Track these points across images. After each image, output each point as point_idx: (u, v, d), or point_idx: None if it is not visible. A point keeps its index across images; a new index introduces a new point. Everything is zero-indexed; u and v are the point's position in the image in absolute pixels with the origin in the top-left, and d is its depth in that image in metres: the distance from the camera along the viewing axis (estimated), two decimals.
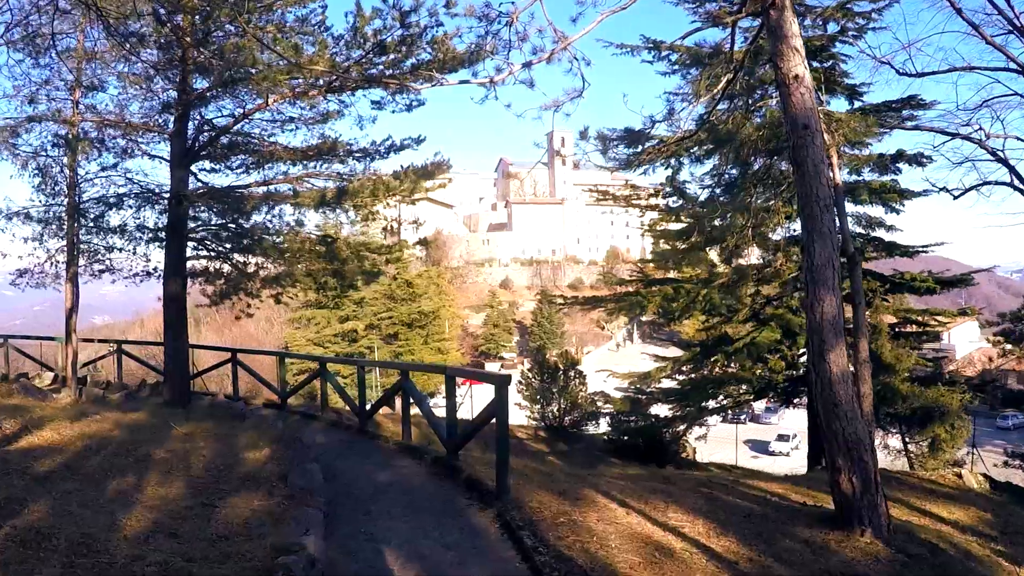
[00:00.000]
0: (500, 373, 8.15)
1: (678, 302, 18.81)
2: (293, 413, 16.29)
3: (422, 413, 10.87)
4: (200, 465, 8.38)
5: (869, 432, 9.50)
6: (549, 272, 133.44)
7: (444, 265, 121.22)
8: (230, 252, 16.65)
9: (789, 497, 11.30)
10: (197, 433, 10.72)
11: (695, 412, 21.01)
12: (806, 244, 8.43)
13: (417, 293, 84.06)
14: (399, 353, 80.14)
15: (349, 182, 14.91)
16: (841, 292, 8.76)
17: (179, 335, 15.88)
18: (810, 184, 8.38)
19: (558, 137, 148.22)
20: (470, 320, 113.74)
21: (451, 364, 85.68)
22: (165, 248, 15.86)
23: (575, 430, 24.49)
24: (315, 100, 14.83)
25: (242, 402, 17.82)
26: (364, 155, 16.55)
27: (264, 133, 16.82)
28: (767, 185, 14.93)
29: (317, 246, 15.99)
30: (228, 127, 15.83)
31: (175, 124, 15.70)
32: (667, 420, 21.31)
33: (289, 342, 74.65)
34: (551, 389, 24.55)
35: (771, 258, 20.40)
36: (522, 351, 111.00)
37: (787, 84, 8.57)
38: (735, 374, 19.71)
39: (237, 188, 16.22)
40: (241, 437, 10.72)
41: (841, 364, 8.50)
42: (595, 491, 9.11)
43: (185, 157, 15.57)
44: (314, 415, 15.51)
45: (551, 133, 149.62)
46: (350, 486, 8.98)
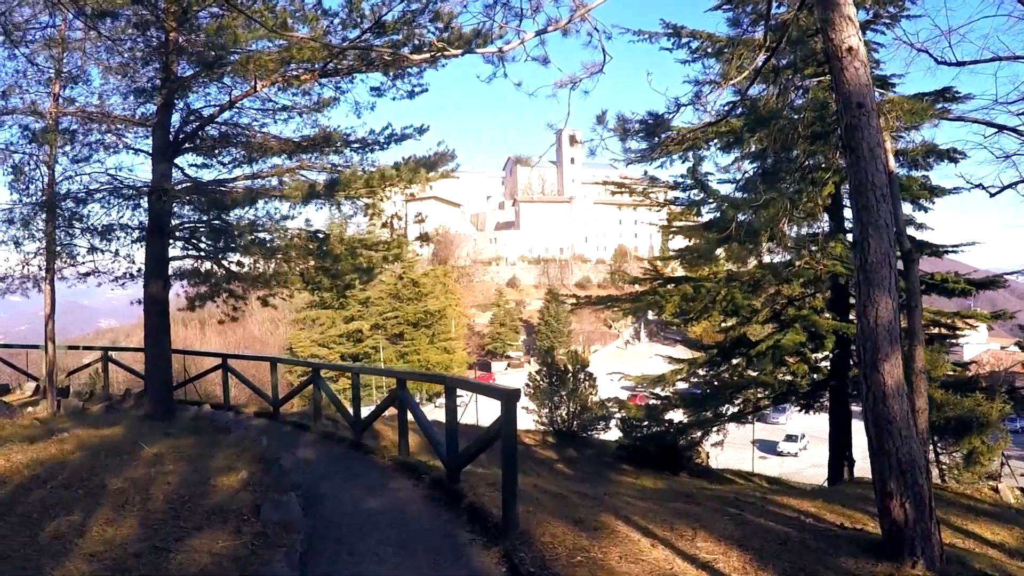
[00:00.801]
0: (507, 387, 6.97)
1: (697, 302, 17.66)
2: (285, 423, 15.24)
3: (420, 428, 9.77)
4: (161, 496, 7.29)
5: (924, 452, 8.43)
6: (556, 271, 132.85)
7: (451, 264, 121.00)
8: (213, 251, 15.47)
9: (824, 518, 10.23)
10: (169, 453, 9.65)
11: (713, 418, 19.89)
12: (859, 239, 7.32)
13: (423, 292, 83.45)
14: (404, 353, 79.51)
15: (341, 173, 13.71)
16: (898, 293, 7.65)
17: (160, 341, 14.74)
18: (865, 170, 7.27)
19: (566, 135, 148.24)
20: (477, 319, 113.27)
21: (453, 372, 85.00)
22: (146, 247, 14.73)
23: (585, 435, 23.45)
24: (308, 85, 13.65)
25: (232, 411, 16.81)
26: (362, 146, 15.43)
27: (255, 124, 15.75)
28: (804, 174, 13.74)
29: (308, 243, 14.87)
30: (214, 116, 14.66)
31: (158, 114, 14.61)
32: (683, 426, 20.18)
33: (293, 343, 74.08)
34: (560, 392, 23.51)
35: (793, 256, 19.32)
36: (529, 350, 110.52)
37: (839, 57, 7.46)
38: (756, 378, 18.57)
39: (223, 182, 15.10)
40: (218, 457, 9.65)
41: (896, 376, 7.39)
42: (615, 517, 8.02)
43: (168, 149, 14.45)
44: (307, 426, 14.44)
45: (560, 131, 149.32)
46: (335, 516, 7.88)
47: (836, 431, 19.96)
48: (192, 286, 15.59)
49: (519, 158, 22.85)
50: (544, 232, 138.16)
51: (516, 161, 22.79)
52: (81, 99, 15.25)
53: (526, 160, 21.76)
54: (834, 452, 19.96)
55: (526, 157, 22.08)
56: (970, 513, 11.43)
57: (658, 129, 12.28)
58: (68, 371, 22.60)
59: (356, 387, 12.43)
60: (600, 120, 11.22)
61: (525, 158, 21.81)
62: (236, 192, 13.99)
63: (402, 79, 15.05)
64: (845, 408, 19.89)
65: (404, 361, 78.45)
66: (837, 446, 19.91)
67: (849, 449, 19.99)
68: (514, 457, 6.89)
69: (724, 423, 20.54)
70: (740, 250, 15.53)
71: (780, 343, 17.11)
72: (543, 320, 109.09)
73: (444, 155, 14.61)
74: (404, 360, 78.50)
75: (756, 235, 14.06)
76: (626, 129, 11.25)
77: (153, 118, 14.73)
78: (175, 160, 15.03)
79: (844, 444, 19.91)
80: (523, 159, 22.33)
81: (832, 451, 20.02)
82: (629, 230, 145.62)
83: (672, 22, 18.39)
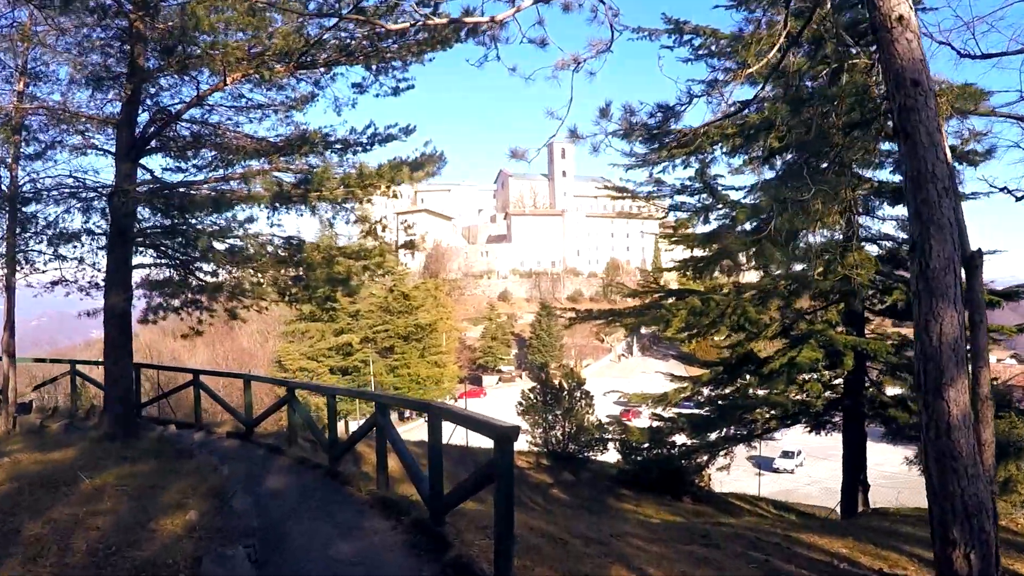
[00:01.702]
0: (503, 424, 5.70)
1: (705, 316, 16.47)
2: (259, 445, 13.96)
3: (401, 462, 8.51)
4: (84, 547, 6.05)
5: (992, 493, 7.27)
6: (548, 284, 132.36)
7: (442, 277, 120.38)
8: (175, 258, 14.14)
9: (859, 562, 9.08)
10: (113, 486, 8.41)
11: (721, 440, 18.64)
12: (918, 241, 6.18)
13: (414, 305, 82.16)
14: (395, 367, 78.07)
15: (315, 172, 12.34)
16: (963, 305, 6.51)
17: (122, 356, 13.37)
18: (924, 159, 6.15)
19: (558, 148, 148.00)
20: (468, 333, 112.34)
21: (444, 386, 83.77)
22: (107, 254, 13.44)
23: (581, 456, 22.20)
24: (282, 77, 12.39)
25: (204, 431, 15.54)
26: (344, 147, 14.16)
27: (228, 123, 14.52)
28: (841, 169, 12.46)
29: (280, 250, 13.62)
30: (181, 112, 13.38)
31: (122, 110, 13.38)
32: (689, 449, 18.91)
33: (282, 356, 72.60)
34: (555, 411, 22.27)
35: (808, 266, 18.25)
36: (520, 364, 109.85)
37: (888, 28, 6.35)
38: (766, 397, 17.37)
39: (190, 184, 13.80)
40: (169, 490, 8.40)
41: (963, 404, 6.25)
42: (626, 570, 6.83)
43: (133, 148, 13.18)
44: (281, 449, 13.17)
45: (551, 143, 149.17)
46: (297, 566, 6.65)
47: (850, 453, 18.80)
48: (148, 296, 14.24)
49: (515, 151, 22.06)
50: (536, 245, 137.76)
51: (515, 154, 21.91)
52: (46, 96, 14.08)
53: (521, 153, 20.96)
54: (848, 476, 18.81)
55: (521, 150, 21.15)
56: (1011, 549, 10.35)
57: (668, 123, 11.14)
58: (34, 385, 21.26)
59: (332, 410, 11.17)
60: (604, 113, 10.07)
61: (520, 151, 20.97)
62: (199, 194, 12.70)
63: (385, 74, 13.88)
64: (860, 429, 18.74)
65: (394, 375, 77.13)
66: (852, 469, 18.75)
67: (864, 472, 18.86)
68: (510, 511, 5.65)
69: (732, 446, 19.34)
70: (777, 252, 14.11)
71: (796, 360, 15.92)
72: (535, 334, 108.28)
73: (432, 157, 13.37)
74: (394, 374, 77.20)
75: (795, 235, 12.79)
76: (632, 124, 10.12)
77: (117, 116, 13.51)
78: (141, 161, 13.75)
79: (858, 467, 18.76)
80: (518, 151, 21.52)
81: (846, 474, 18.86)
82: (621, 243, 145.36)
83: (674, 17, 17.37)
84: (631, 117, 10.24)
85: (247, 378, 14.80)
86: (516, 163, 8.77)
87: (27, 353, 53.10)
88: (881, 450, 25.52)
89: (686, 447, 18.88)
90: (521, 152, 8.76)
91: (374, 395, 9.63)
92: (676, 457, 18.86)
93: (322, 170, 11.55)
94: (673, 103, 10.62)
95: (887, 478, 34.38)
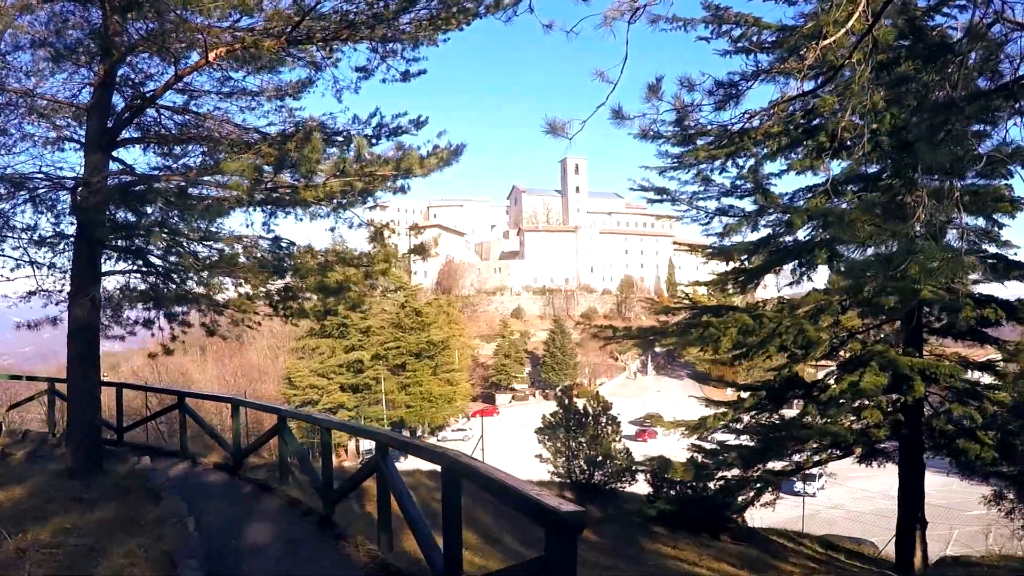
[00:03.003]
0: (560, 507, 3.75)
1: (756, 335, 14.55)
2: (246, 480, 12.09)
3: (405, 517, 6.63)
4: None
5: None
6: (562, 301, 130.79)
7: (454, 293, 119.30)
8: (148, 263, 12.26)
9: None
10: (45, 544, 6.60)
11: (771, 474, 16.62)
12: None
13: (426, 322, 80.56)
14: (406, 384, 76.35)
15: (300, 154, 10.32)
16: None
17: (87, 375, 11.51)
18: None
19: (572, 164, 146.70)
20: (481, 350, 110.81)
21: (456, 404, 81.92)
22: (73, 259, 11.62)
23: (607, 488, 20.23)
24: (272, 52, 10.46)
25: (188, 461, 13.73)
26: (346, 141, 12.38)
27: (216, 112, 12.75)
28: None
29: (266, 254, 11.78)
30: (158, 94, 11.56)
31: (94, 94, 11.63)
32: (735, 485, 16.88)
33: (292, 373, 70.95)
34: (579, 438, 20.32)
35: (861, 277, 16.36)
36: (534, 382, 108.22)
37: None
38: (823, 427, 15.40)
39: (157, 175, 11.92)
40: (114, 552, 6.58)
41: None
42: None
43: (104, 137, 11.40)
44: (271, 487, 11.31)
45: (564, 160, 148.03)
46: None
47: (908, 487, 16.82)
48: (112, 306, 12.33)
49: (553, 123, 20.38)
50: (549, 262, 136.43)
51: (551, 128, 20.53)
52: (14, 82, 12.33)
53: (561, 127, 19.44)
54: (905, 511, 16.85)
55: (561, 122, 19.57)
56: None
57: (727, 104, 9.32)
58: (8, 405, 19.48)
59: (327, 447, 9.29)
60: (654, 90, 8.25)
61: (560, 123, 19.40)
62: (161, 185, 10.78)
63: (394, 56, 12.06)
64: (918, 461, 16.75)
65: (406, 393, 75.61)
66: (908, 504, 16.79)
67: (921, 509, 16.89)
68: None
69: (781, 479, 17.35)
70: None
71: (860, 386, 13.96)
72: (548, 352, 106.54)
73: (449, 151, 11.50)
74: (406, 392, 75.67)
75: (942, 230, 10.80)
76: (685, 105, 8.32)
77: (88, 102, 11.77)
78: (116, 153, 12.00)
79: (916, 503, 16.78)
80: (557, 124, 20.00)
81: (902, 510, 16.92)
82: (636, 260, 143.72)
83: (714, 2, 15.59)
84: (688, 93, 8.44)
85: (235, 402, 12.92)
86: (559, 121, 6.91)
87: (36, 367, 51.13)
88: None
89: (732, 482, 16.90)
90: (561, 125, 6.93)
91: (375, 433, 7.72)
92: (721, 493, 16.85)
93: (310, 149, 9.54)
94: (737, 79, 8.78)
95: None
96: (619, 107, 7.91)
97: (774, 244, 16.24)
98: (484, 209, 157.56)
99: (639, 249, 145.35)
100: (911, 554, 16.80)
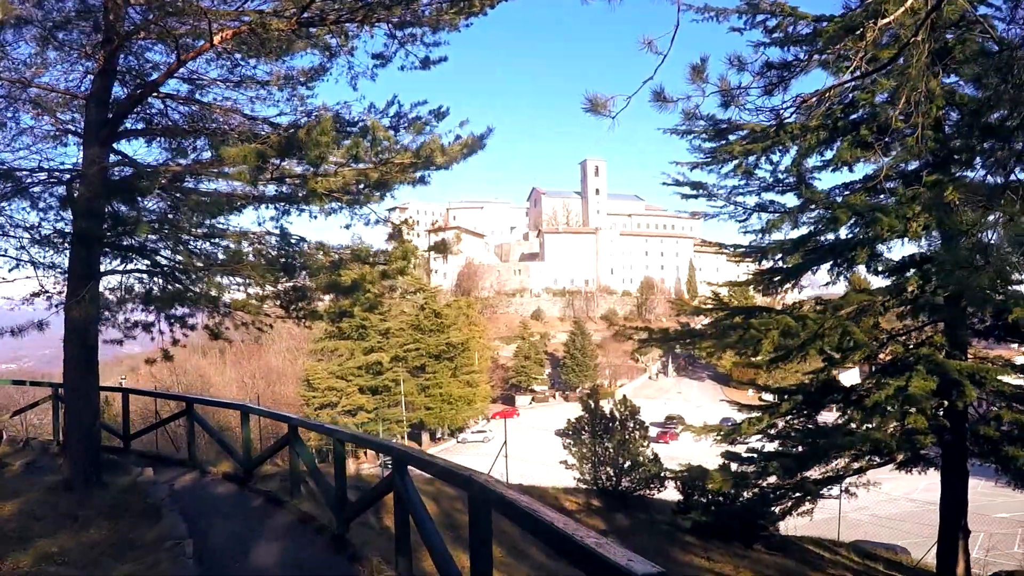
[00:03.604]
0: (635, 567, 2.82)
1: (797, 337, 13.67)
2: (257, 492, 11.39)
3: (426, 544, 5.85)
4: None
5: None
6: (582, 303, 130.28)
7: (474, 295, 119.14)
8: (154, 261, 11.51)
9: None
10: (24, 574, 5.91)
11: (813, 483, 15.72)
12: None
13: (446, 324, 79.99)
14: (426, 386, 75.75)
15: (306, 137, 9.39)
16: None
17: (85, 382, 10.78)
18: None
19: (592, 166, 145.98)
20: (501, 352, 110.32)
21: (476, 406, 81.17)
22: (69, 257, 10.95)
23: (635, 494, 19.37)
24: (281, 34, 9.73)
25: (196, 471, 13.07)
26: (362, 132, 11.60)
27: (225, 103, 12.03)
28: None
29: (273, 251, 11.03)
30: (160, 81, 10.86)
31: (94, 82, 10.98)
32: (776, 494, 15.98)
33: (310, 375, 70.56)
34: (605, 443, 19.48)
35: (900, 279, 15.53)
36: (554, 383, 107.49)
37: None
38: (866, 434, 14.47)
39: (154, 167, 11.16)
40: None
41: None
42: None
43: (103, 128, 10.74)
44: (282, 500, 10.60)
45: (584, 162, 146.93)
46: None
47: (949, 495, 15.90)
48: (111, 308, 11.61)
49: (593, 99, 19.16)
50: (569, 263, 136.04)
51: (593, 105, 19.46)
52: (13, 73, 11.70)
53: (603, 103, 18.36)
54: (947, 521, 15.94)
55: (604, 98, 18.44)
56: None
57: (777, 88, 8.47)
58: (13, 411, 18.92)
59: (340, 459, 8.55)
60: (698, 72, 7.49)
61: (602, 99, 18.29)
62: (158, 179, 10.02)
63: (413, 42, 11.29)
64: (962, 467, 15.84)
65: (426, 395, 75.07)
66: (950, 513, 15.89)
67: (964, 517, 16.02)
68: None
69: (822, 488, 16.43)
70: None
71: (908, 391, 13.04)
72: (568, 353, 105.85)
73: (473, 138, 10.68)
74: (425, 394, 75.13)
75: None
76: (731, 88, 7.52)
77: (88, 91, 11.12)
78: (115, 145, 11.31)
79: (959, 511, 15.89)
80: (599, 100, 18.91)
81: (944, 519, 16.01)
82: (656, 262, 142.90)
83: None
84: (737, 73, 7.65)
85: (244, 409, 12.23)
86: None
87: (56, 370, 50.25)
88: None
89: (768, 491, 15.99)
90: (603, 102, 6.16)
91: (393, 448, 6.88)
92: (760, 503, 15.95)
93: (319, 132, 8.69)
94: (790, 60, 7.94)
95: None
96: (661, 88, 7.13)
97: (812, 242, 15.36)
98: (504, 211, 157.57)
99: (659, 251, 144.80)
100: (953, 564, 15.93)
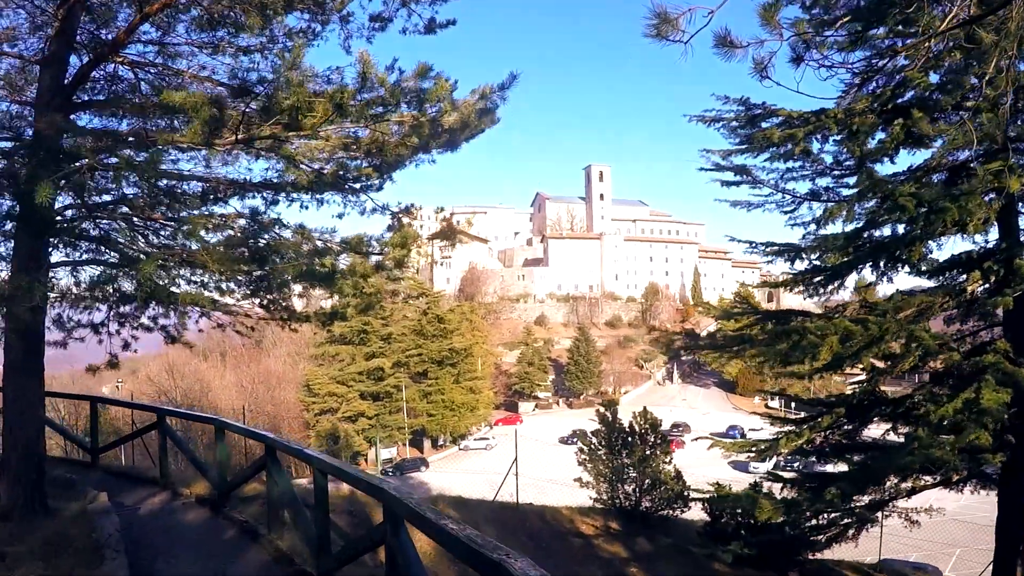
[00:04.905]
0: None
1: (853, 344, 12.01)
2: (231, 521, 9.75)
3: None
4: None
5: None
6: (586, 309, 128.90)
7: (477, 300, 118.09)
8: (99, 249, 9.83)
9: None
10: None
11: (865, 508, 14.04)
12: None
13: (448, 329, 78.50)
14: (428, 392, 74.16)
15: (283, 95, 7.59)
16: None
17: (27, 388, 9.01)
18: None
19: (596, 171, 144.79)
20: (504, 358, 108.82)
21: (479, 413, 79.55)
22: (13, 247, 9.27)
23: (657, 515, 17.66)
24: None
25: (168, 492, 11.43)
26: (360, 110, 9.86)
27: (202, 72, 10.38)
28: None
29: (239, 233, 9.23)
30: (121, 39, 9.19)
31: (49, 44, 9.37)
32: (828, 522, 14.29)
33: (311, 380, 69.02)
34: (624, 461, 17.77)
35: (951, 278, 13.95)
36: (558, 390, 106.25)
37: None
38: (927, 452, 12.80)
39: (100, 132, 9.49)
40: None
41: None
42: None
43: (57, 96, 9.12)
44: (258, 534, 8.94)
45: (588, 167, 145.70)
46: None
47: (1008, 515, 14.28)
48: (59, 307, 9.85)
49: (664, 14, 17.24)
50: (573, 269, 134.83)
51: (660, 21, 17.41)
52: None
53: (675, 21, 16.58)
54: (1004, 543, 14.30)
55: (676, 14, 16.63)
56: None
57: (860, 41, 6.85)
58: None
59: (322, 493, 6.89)
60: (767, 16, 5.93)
61: (675, 16, 16.34)
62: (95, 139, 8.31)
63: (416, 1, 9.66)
64: (1021, 487, 14.23)
65: (428, 401, 73.64)
66: (1009, 535, 14.27)
67: None
68: None
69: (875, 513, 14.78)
70: None
71: (980, 404, 11.38)
72: (572, 359, 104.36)
73: (491, 88, 8.91)
74: (428, 400, 73.69)
75: None
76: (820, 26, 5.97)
77: (36, 53, 9.52)
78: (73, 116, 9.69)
79: (1018, 534, 14.28)
80: (670, 17, 17.01)
81: (1001, 542, 14.37)
82: (660, 268, 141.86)
83: None
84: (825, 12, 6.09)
85: (219, 424, 10.53)
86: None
87: (61, 373, 47.03)
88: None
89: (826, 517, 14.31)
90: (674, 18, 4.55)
91: (389, 496, 5.07)
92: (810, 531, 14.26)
93: (287, 64, 6.93)
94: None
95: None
96: (727, 31, 5.53)
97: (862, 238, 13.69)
98: (508, 216, 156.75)
99: (664, 256, 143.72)
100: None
